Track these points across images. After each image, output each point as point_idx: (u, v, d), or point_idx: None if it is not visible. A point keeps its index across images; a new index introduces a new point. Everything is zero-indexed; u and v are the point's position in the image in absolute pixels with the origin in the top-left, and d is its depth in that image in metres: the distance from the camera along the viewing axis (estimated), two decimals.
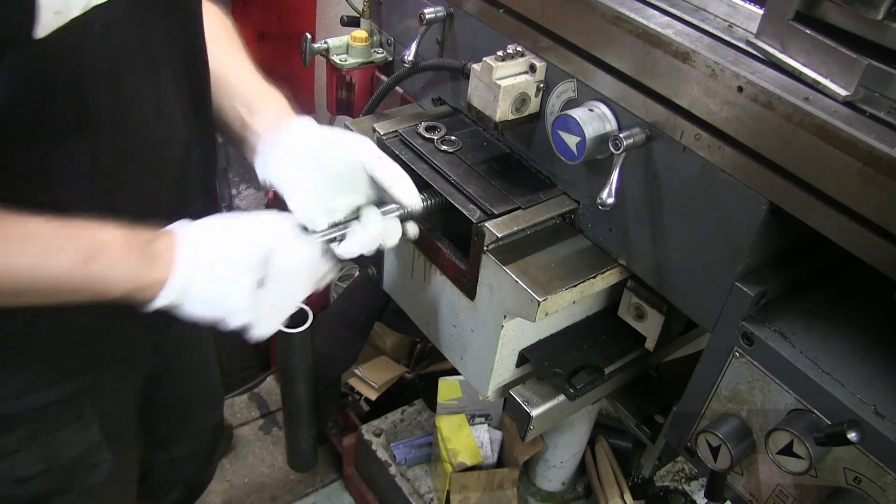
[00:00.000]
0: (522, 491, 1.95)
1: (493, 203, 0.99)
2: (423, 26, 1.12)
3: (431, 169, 1.06)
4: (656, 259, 0.92)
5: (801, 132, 0.69)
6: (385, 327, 2.19)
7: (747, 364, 0.82)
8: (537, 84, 0.97)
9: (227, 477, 2.36)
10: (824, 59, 0.72)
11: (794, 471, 0.76)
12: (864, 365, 0.77)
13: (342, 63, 1.36)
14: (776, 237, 0.81)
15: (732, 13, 0.85)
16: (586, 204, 1.00)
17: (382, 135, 1.11)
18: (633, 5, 0.85)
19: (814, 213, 0.71)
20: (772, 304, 0.83)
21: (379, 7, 1.33)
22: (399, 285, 1.23)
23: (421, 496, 1.98)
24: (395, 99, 1.34)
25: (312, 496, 2.34)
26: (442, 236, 1.06)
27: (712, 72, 0.75)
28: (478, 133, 1.14)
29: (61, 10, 0.70)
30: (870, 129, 0.66)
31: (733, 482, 0.89)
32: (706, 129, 0.79)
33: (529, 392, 1.06)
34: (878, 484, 0.72)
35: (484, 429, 1.99)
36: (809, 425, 0.75)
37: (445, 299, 1.11)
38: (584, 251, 1.00)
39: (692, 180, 0.83)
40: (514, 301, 0.94)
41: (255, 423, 2.55)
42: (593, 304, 1.08)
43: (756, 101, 0.72)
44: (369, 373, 2.29)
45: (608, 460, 1.94)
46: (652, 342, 1.02)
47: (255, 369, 2.64)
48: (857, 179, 0.66)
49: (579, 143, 0.88)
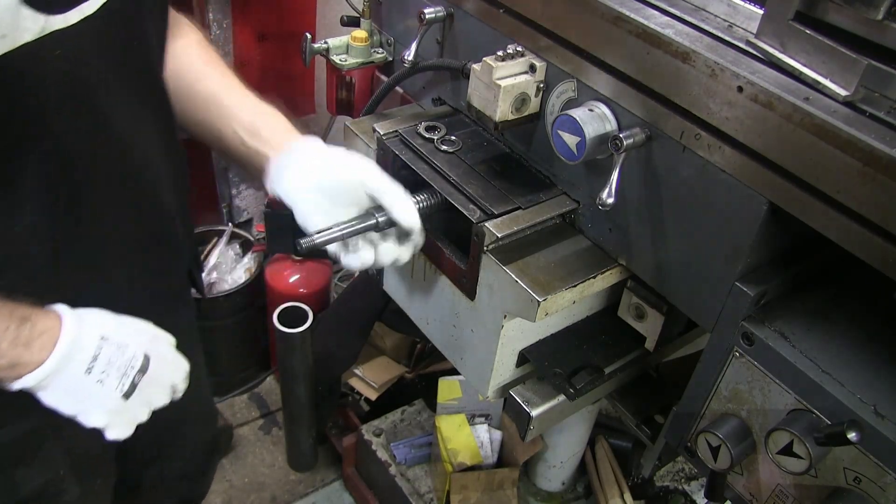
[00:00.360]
0: (522, 491, 1.95)
1: (493, 203, 0.99)
2: (423, 26, 1.12)
3: (431, 169, 1.06)
4: (656, 259, 0.92)
5: (801, 132, 0.69)
6: (385, 327, 2.19)
7: (747, 364, 0.82)
8: (537, 84, 0.97)
9: (227, 477, 2.36)
10: (824, 59, 0.72)
11: (794, 471, 0.76)
12: (864, 365, 0.77)
13: (342, 63, 1.36)
14: (776, 237, 0.81)
15: (732, 13, 0.85)
16: (586, 204, 1.00)
17: (382, 135, 1.11)
18: (633, 5, 0.85)
19: (814, 213, 0.71)
20: (772, 304, 0.83)
21: (379, 7, 1.33)
22: (399, 285, 1.23)
23: (421, 496, 1.98)
24: (395, 99, 1.34)
25: (312, 496, 2.34)
26: (442, 236, 1.06)
27: (712, 72, 0.75)
28: (478, 133, 1.14)
29: (7, 35, 0.69)
30: (870, 129, 0.66)
31: (733, 482, 0.89)
32: (706, 129, 0.79)
33: (529, 392, 1.06)
34: (878, 484, 0.72)
35: (484, 429, 1.99)
36: (809, 425, 0.75)
37: (445, 299, 1.11)
38: (584, 251, 1.00)
39: (692, 180, 0.83)
40: (514, 301, 0.94)
41: (255, 423, 2.55)
42: (593, 304, 1.08)
43: (756, 101, 0.72)
44: (369, 373, 2.29)
45: (608, 460, 1.94)
46: (652, 342, 1.02)
47: (255, 369, 2.64)
48: (857, 179, 0.66)
49: (579, 143, 0.88)
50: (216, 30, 2.23)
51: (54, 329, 0.83)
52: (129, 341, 0.90)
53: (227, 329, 2.43)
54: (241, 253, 2.54)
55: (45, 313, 0.84)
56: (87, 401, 0.86)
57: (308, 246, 0.91)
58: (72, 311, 0.86)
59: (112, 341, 0.88)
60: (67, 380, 0.83)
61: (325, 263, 2.36)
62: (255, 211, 2.76)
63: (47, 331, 0.82)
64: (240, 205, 2.71)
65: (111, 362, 0.86)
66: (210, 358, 2.50)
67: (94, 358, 0.85)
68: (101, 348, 0.86)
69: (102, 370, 0.86)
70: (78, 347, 0.84)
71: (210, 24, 2.21)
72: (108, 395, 0.87)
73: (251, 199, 2.73)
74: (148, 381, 0.90)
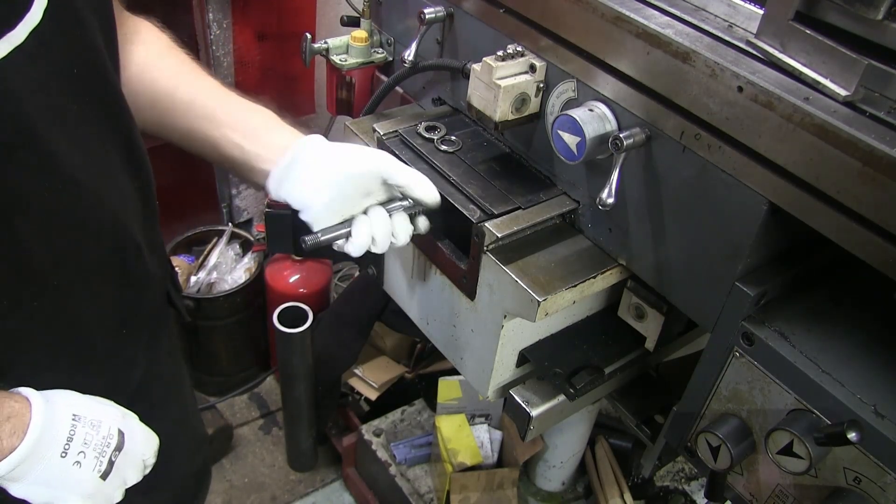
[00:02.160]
0: (522, 491, 1.95)
1: (493, 203, 0.99)
2: (423, 26, 1.12)
3: (431, 169, 1.06)
4: (656, 259, 0.92)
5: (801, 132, 0.69)
6: (385, 327, 2.19)
7: (747, 364, 0.82)
8: (537, 84, 0.97)
9: (227, 477, 2.36)
10: (824, 59, 0.72)
11: (794, 471, 0.76)
12: (864, 365, 0.77)
13: (342, 63, 1.36)
14: (776, 237, 0.81)
15: (732, 13, 0.85)
16: (586, 204, 1.00)
17: (382, 135, 1.11)
18: (633, 5, 0.85)
19: (814, 213, 0.71)
20: (772, 304, 0.83)
21: (379, 7, 1.33)
22: (399, 285, 1.23)
23: (421, 496, 1.98)
24: (395, 99, 1.34)
25: (312, 496, 2.35)
26: (442, 236, 1.06)
27: (712, 72, 0.75)
28: (478, 133, 1.14)
29: None
30: (870, 129, 0.66)
31: (733, 482, 0.89)
32: (706, 129, 0.79)
33: (529, 392, 1.06)
34: (878, 484, 0.72)
35: (484, 429, 1.99)
36: (809, 425, 0.75)
37: (445, 299, 1.11)
38: (584, 251, 1.00)
39: (692, 180, 0.83)
40: (514, 301, 0.94)
41: (255, 423, 2.55)
42: (593, 304, 1.08)
43: (756, 101, 0.72)
44: (369, 373, 2.29)
45: (608, 460, 1.94)
46: (652, 342, 1.02)
47: (255, 369, 2.65)
48: (857, 179, 0.66)
49: (579, 143, 0.88)
50: (216, 30, 2.23)
51: (23, 413, 0.77)
52: (102, 418, 0.84)
53: (227, 329, 2.43)
54: (241, 253, 2.55)
55: (9, 396, 0.78)
56: (61, 487, 0.79)
57: (312, 243, 0.90)
58: (37, 392, 0.81)
59: (85, 420, 0.82)
60: (42, 465, 0.77)
61: (325, 263, 2.37)
62: (255, 211, 2.76)
63: (15, 415, 0.76)
64: (240, 205, 2.71)
65: (87, 442, 0.81)
66: (210, 358, 2.53)
67: (69, 439, 0.80)
68: (74, 428, 0.81)
69: (79, 451, 0.80)
70: (51, 429, 0.78)
71: (210, 24, 2.21)
72: (85, 477, 0.81)
73: (251, 199, 2.73)
74: (124, 459, 0.85)
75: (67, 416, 0.81)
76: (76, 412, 0.82)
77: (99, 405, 0.87)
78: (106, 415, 0.86)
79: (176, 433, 1.37)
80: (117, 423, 0.86)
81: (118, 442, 0.84)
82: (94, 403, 0.86)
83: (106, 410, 0.87)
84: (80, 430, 0.81)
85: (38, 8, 0.70)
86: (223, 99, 0.99)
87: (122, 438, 0.85)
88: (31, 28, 0.69)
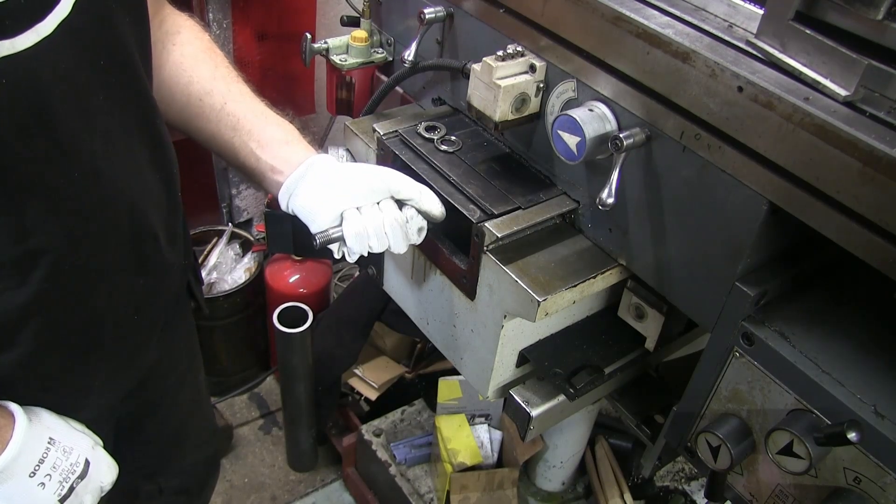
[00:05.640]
0: (522, 491, 1.95)
1: (493, 203, 0.99)
2: (423, 26, 1.12)
3: (431, 169, 1.06)
4: (656, 259, 0.92)
5: (801, 132, 0.69)
6: (385, 327, 2.19)
7: (747, 364, 0.82)
8: (537, 84, 0.97)
9: (227, 477, 2.36)
10: (824, 59, 0.72)
11: (794, 471, 0.76)
12: (864, 365, 0.77)
13: (342, 63, 1.36)
14: (776, 237, 0.81)
15: (732, 13, 0.85)
16: (586, 204, 1.00)
17: (382, 135, 1.11)
18: (633, 5, 0.85)
19: (814, 213, 0.71)
20: (772, 304, 0.83)
21: (379, 7, 1.33)
22: (399, 285, 1.23)
23: (421, 496, 1.98)
24: (395, 99, 1.34)
25: (312, 496, 2.35)
26: (442, 236, 1.06)
27: (712, 72, 0.75)
28: (478, 133, 1.14)
29: None
30: (870, 129, 0.66)
31: (733, 482, 0.89)
32: (706, 129, 0.79)
33: (529, 392, 1.06)
34: (878, 484, 0.72)
35: (484, 429, 1.99)
36: (809, 425, 0.75)
37: (445, 299, 1.11)
38: (584, 251, 1.00)
39: (692, 180, 0.83)
40: (514, 301, 0.94)
41: (255, 423, 2.55)
42: (593, 304, 1.08)
43: (756, 101, 0.72)
44: (369, 373, 2.29)
45: (608, 460, 1.94)
46: (652, 342, 1.02)
47: (255, 369, 2.65)
48: (857, 179, 0.66)
49: (579, 143, 0.88)
50: (216, 30, 2.23)
51: (5, 428, 0.81)
52: (74, 446, 0.89)
53: (227, 329, 2.43)
54: (241, 253, 2.55)
55: None
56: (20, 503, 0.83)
57: (323, 240, 0.94)
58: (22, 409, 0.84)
59: (59, 445, 0.87)
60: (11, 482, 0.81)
61: (325, 263, 2.37)
62: (255, 211, 2.76)
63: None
64: (240, 205, 2.71)
65: (55, 466, 0.85)
66: (210, 358, 2.53)
67: (41, 461, 0.84)
68: (48, 452, 0.85)
69: (46, 473, 0.84)
70: (27, 449, 0.82)
71: (210, 24, 2.21)
72: (45, 498, 0.85)
73: (251, 199, 2.73)
74: (84, 486, 0.89)
75: (44, 438, 0.86)
76: (52, 436, 0.87)
77: (75, 433, 0.91)
78: (78, 443, 0.90)
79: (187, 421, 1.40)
80: (87, 452, 0.90)
81: (83, 471, 0.89)
82: (70, 430, 0.91)
83: (79, 439, 0.91)
84: (52, 454, 0.86)
85: (68, 1, 0.72)
86: (250, 109, 1.03)
87: (86, 468, 0.89)
88: (60, 20, 0.72)
